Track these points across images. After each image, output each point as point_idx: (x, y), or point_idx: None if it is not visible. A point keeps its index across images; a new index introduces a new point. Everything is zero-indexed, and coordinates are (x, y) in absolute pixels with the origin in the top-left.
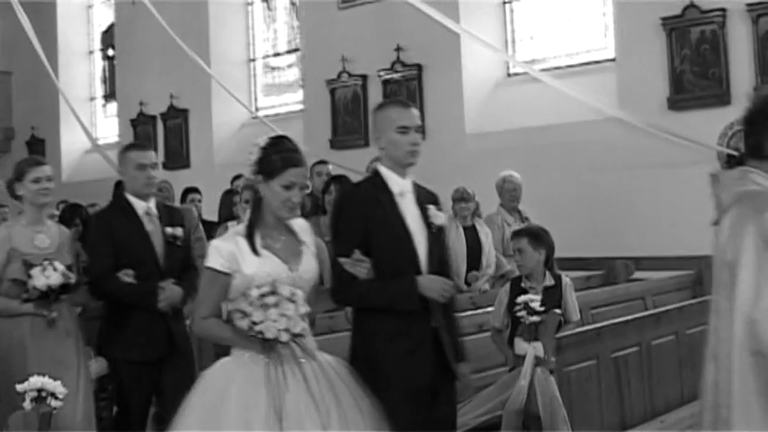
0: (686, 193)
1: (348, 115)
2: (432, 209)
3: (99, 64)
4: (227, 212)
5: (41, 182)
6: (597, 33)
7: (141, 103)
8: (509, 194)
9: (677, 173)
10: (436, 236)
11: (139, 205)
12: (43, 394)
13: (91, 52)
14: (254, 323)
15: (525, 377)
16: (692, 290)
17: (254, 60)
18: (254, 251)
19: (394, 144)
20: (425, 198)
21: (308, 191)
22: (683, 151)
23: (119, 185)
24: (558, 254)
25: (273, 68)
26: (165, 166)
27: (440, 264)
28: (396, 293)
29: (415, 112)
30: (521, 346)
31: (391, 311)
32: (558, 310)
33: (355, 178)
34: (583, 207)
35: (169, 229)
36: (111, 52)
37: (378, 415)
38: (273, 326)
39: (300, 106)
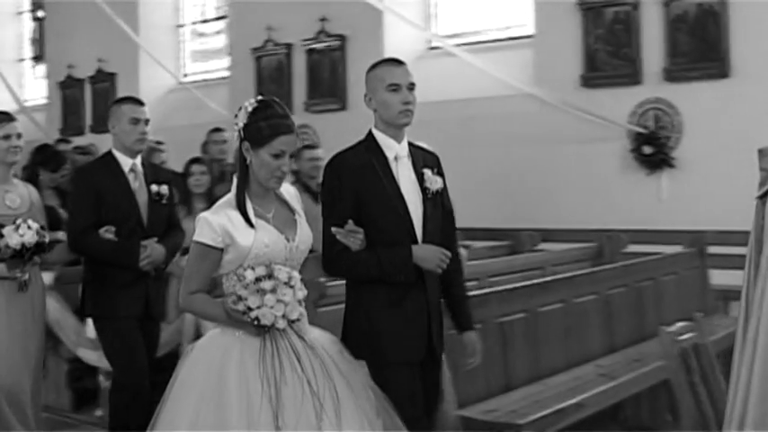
0: (596, 169)
1: (273, 83)
2: (427, 173)
3: (28, 25)
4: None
5: (11, 139)
6: (517, 10)
7: (70, 66)
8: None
9: (588, 148)
10: (433, 202)
11: (125, 161)
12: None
13: (20, 13)
14: (250, 308)
15: None
16: (592, 261)
17: (182, 26)
18: (249, 222)
19: (385, 104)
20: (424, 161)
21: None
22: (595, 128)
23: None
24: (469, 224)
25: (201, 35)
26: (92, 129)
27: (439, 232)
28: (389, 264)
29: (407, 69)
30: None
31: (385, 283)
32: None
33: None
34: (497, 179)
35: (154, 187)
36: (40, 13)
37: (371, 393)
38: (270, 312)
39: (227, 73)
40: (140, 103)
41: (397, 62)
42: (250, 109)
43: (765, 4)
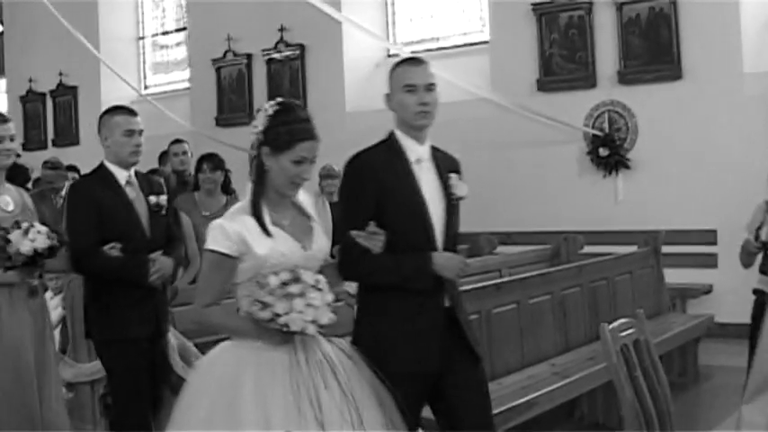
0: (553, 172)
1: (233, 93)
2: (453, 177)
3: None
4: None
5: (4, 141)
6: (473, 17)
7: (30, 80)
8: None
9: (546, 152)
10: (454, 208)
11: (121, 174)
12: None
13: None
14: (278, 315)
15: None
16: (548, 263)
17: (142, 38)
18: (264, 230)
19: (401, 105)
20: (446, 165)
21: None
22: (551, 131)
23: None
24: None
25: (162, 47)
26: (55, 144)
27: (456, 239)
28: (408, 271)
29: (427, 68)
30: None
31: (401, 289)
32: None
33: (239, 155)
34: None
35: (153, 198)
36: (0, 28)
37: (391, 400)
38: (299, 317)
39: (187, 84)
40: (133, 113)
41: (416, 62)
42: (270, 112)
43: (715, 7)
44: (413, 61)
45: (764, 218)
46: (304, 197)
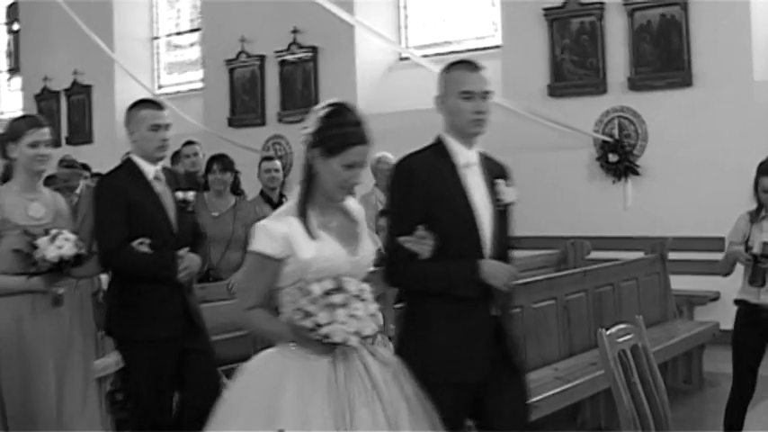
0: (563, 177)
1: (246, 94)
2: (501, 183)
3: (4, 38)
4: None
5: (39, 146)
6: (486, 21)
7: (45, 79)
8: (383, 174)
9: (555, 157)
10: (502, 215)
11: (148, 169)
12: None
13: None
14: (319, 325)
15: None
16: (555, 268)
17: (157, 38)
18: (310, 233)
19: (456, 111)
20: (493, 171)
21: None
22: (561, 136)
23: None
24: None
25: (176, 47)
26: (69, 142)
27: (505, 246)
28: (456, 278)
29: (484, 75)
30: None
31: (447, 296)
32: None
33: (250, 156)
34: None
35: (180, 194)
36: (15, 26)
37: (435, 416)
38: (342, 329)
39: (201, 84)
40: (160, 106)
41: (473, 67)
42: (322, 114)
43: (727, 15)
44: (470, 66)
45: (750, 229)
46: (353, 202)
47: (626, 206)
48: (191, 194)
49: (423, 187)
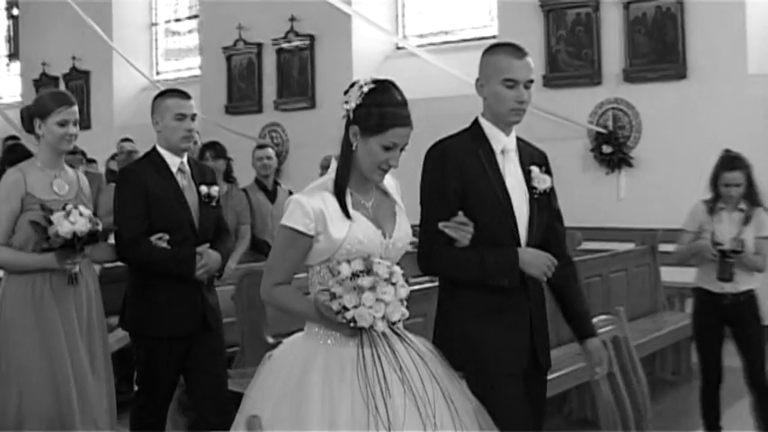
0: (557, 168)
1: (243, 82)
2: (535, 170)
3: (3, 23)
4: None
5: (68, 126)
6: (482, 12)
7: (44, 64)
8: None
9: (549, 148)
10: (539, 202)
11: (173, 161)
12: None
13: None
14: (345, 308)
15: None
16: None
17: (155, 25)
18: (345, 212)
19: (497, 97)
20: (532, 157)
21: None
22: (556, 127)
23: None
24: None
25: (174, 33)
26: None
27: (542, 235)
28: (494, 266)
29: (529, 62)
30: None
31: (485, 286)
32: None
33: (247, 143)
34: None
35: (204, 188)
36: (15, 11)
37: (470, 403)
38: (368, 312)
39: (198, 72)
40: (186, 96)
41: (518, 53)
42: (366, 90)
43: (722, 8)
44: (515, 52)
45: (708, 220)
46: (389, 180)
47: (619, 197)
48: (215, 189)
49: (457, 171)
